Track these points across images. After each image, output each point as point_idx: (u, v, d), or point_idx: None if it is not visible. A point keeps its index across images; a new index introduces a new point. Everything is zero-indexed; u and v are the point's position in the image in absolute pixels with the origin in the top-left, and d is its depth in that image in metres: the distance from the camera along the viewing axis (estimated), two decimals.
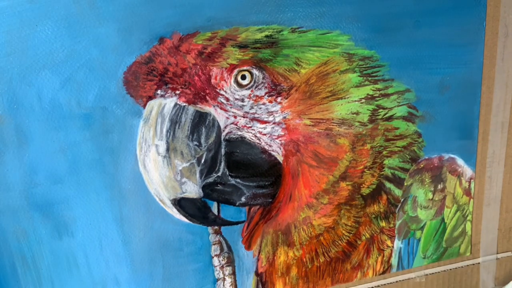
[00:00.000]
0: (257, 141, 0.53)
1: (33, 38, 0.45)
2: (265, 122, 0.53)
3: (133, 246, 0.54)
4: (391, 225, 0.62)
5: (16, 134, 0.48)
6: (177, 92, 0.50)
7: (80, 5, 0.45)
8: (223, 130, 0.52)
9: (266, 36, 0.50)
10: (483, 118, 0.60)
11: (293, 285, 0.61)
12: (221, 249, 0.57)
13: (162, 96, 0.50)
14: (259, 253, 0.59)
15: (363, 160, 0.57)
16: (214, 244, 0.57)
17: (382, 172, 0.58)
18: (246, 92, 0.52)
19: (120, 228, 0.53)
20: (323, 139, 0.55)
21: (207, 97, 0.51)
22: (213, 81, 0.50)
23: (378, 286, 0.65)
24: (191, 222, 0.54)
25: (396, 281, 0.65)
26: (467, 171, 0.62)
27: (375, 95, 0.55)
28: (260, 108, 0.52)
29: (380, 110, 0.56)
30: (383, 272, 0.64)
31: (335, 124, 0.55)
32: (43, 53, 0.45)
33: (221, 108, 0.51)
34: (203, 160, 0.52)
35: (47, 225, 0.51)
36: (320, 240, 0.59)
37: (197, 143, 0.51)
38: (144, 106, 0.50)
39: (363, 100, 0.55)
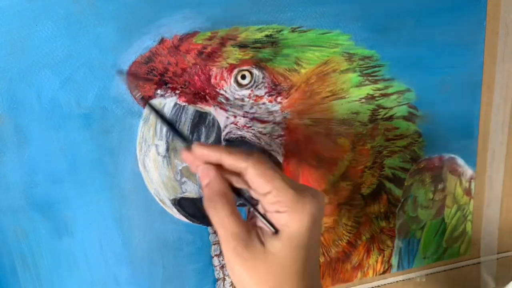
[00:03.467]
0: (257, 141, 0.53)
1: (32, 37, 0.45)
2: (265, 121, 0.53)
3: (133, 246, 0.54)
4: (391, 225, 0.62)
5: (16, 134, 0.48)
6: (177, 91, 0.50)
7: (80, 4, 0.45)
8: (223, 130, 0.52)
9: (266, 36, 0.50)
10: (483, 117, 0.60)
11: None
12: (221, 249, 0.57)
13: (162, 95, 0.50)
14: None
15: (363, 160, 0.57)
16: (214, 244, 0.57)
17: (382, 172, 0.58)
18: (246, 92, 0.52)
19: (120, 228, 0.53)
20: (323, 139, 0.55)
21: (207, 97, 0.51)
22: (213, 80, 0.50)
23: (378, 286, 0.65)
24: (191, 222, 0.54)
25: (397, 281, 0.65)
26: (468, 171, 0.62)
27: (375, 95, 0.55)
28: (260, 107, 0.52)
29: (380, 110, 0.56)
30: (384, 272, 0.64)
31: (335, 124, 0.55)
32: (42, 53, 0.45)
33: (221, 108, 0.51)
34: None
35: (47, 225, 0.51)
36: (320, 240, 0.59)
37: None
38: (144, 106, 0.50)
39: (363, 100, 0.55)
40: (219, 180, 0.42)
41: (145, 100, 0.47)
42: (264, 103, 0.52)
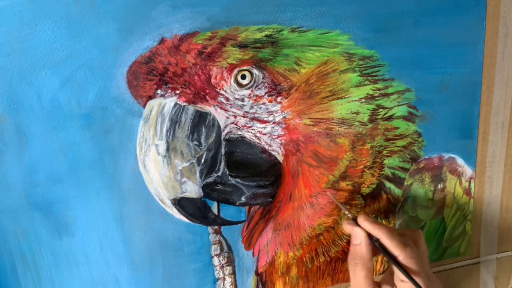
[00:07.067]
0: (257, 140, 0.53)
1: (33, 37, 0.45)
2: (265, 121, 0.53)
3: (133, 246, 0.54)
4: (391, 225, 0.62)
5: (16, 134, 0.48)
6: (177, 91, 0.50)
7: (80, 4, 0.45)
8: (223, 130, 0.52)
9: (266, 36, 0.50)
10: (483, 117, 0.60)
11: (293, 285, 0.61)
12: (221, 249, 0.57)
13: (162, 95, 0.50)
14: (259, 252, 0.59)
15: (363, 160, 0.57)
16: (214, 244, 0.57)
17: (382, 172, 0.58)
18: (246, 92, 0.52)
19: (120, 227, 0.53)
20: (323, 139, 0.55)
21: (207, 97, 0.51)
22: (213, 80, 0.50)
23: None
24: (191, 222, 0.54)
25: None
26: (467, 170, 0.62)
27: (375, 94, 0.55)
28: (260, 107, 0.52)
29: (380, 110, 0.56)
30: (383, 272, 0.64)
31: (335, 124, 0.55)
32: (43, 53, 0.45)
33: (221, 108, 0.51)
34: (203, 160, 0.52)
35: (47, 224, 0.51)
36: (320, 240, 0.59)
37: (197, 143, 0.51)
38: (144, 105, 0.50)
39: (363, 100, 0.55)
40: (367, 247, 0.50)
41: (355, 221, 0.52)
42: (264, 103, 0.52)
